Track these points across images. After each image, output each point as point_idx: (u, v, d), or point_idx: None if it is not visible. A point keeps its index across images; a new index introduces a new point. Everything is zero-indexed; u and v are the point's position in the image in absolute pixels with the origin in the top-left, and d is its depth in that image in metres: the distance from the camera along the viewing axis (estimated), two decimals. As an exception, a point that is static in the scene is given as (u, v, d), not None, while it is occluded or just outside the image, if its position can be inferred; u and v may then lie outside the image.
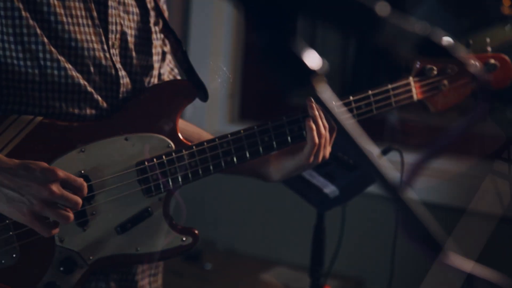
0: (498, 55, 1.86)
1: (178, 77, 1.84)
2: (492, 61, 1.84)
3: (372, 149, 0.81)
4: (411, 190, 0.81)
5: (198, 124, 1.89)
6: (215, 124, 3.45)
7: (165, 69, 1.80)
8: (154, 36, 1.72)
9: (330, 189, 2.13)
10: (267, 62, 0.78)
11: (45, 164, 1.46)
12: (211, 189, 3.41)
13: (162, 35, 1.75)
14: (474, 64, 1.78)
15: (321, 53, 0.82)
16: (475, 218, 1.87)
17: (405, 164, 2.10)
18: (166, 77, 1.80)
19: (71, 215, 1.46)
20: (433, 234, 0.80)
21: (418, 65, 1.80)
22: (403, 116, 2.86)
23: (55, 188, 1.43)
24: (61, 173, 1.45)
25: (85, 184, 1.50)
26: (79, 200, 1.47)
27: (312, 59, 0.80)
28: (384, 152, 2.16)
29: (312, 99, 1.67)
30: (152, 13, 1.72)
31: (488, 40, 1.87)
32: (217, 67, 1.84)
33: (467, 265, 0.79)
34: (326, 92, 0.79)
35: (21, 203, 1.42)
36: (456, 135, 0.76)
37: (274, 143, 1.67)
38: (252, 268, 3.16)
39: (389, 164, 0.85)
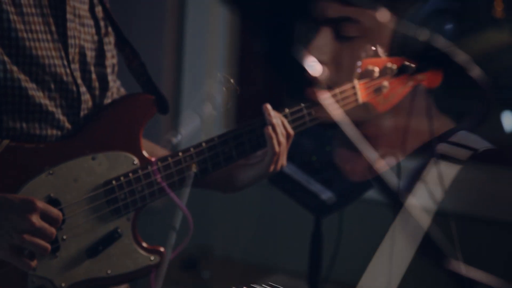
0: None
1: (122, 89, 1.81)
2: None
3: (370, 155, 0.80)
4: (410, 196, 0.80)
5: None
6: (211, 129, 3.44)
7: (113, 82, 1.75)
8: (105, 47, 1.68)
9: (327, 195, 2.12)
10: (268, 68, 0.78)
11: (22, 196, 1.43)
12: (208, 196, 3.39)
13: (111, 46, 1.71)
14: (409, 64, 1.73)
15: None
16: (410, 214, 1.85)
17: (402, 169, 2.09)
18: (115, 90, 1.76)
19: (49, 246, 1.44)
20: (433, 239, 0.79)
21: (359, 66, 1.75)
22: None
23: (35, 219, 1.41)
24: (40, 204, 1.42)
25: (61, 215, 1.47)
26: (55, 232, 1.45)
27: (312, 66, 0.79)
28: (381, 157, 2.15)
29: (269, 106, 1.66)
30: (102, 24, 1.68)
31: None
32: (225, 79, 1.81)
33: (469, 272, 0.78)
34: (326, 97, 0.78)
35: (0, 237, 1.39)
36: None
37: (234, 153, 1.66)
38: (249, 276, 3.15)
39: (387, 169, 0.84)
